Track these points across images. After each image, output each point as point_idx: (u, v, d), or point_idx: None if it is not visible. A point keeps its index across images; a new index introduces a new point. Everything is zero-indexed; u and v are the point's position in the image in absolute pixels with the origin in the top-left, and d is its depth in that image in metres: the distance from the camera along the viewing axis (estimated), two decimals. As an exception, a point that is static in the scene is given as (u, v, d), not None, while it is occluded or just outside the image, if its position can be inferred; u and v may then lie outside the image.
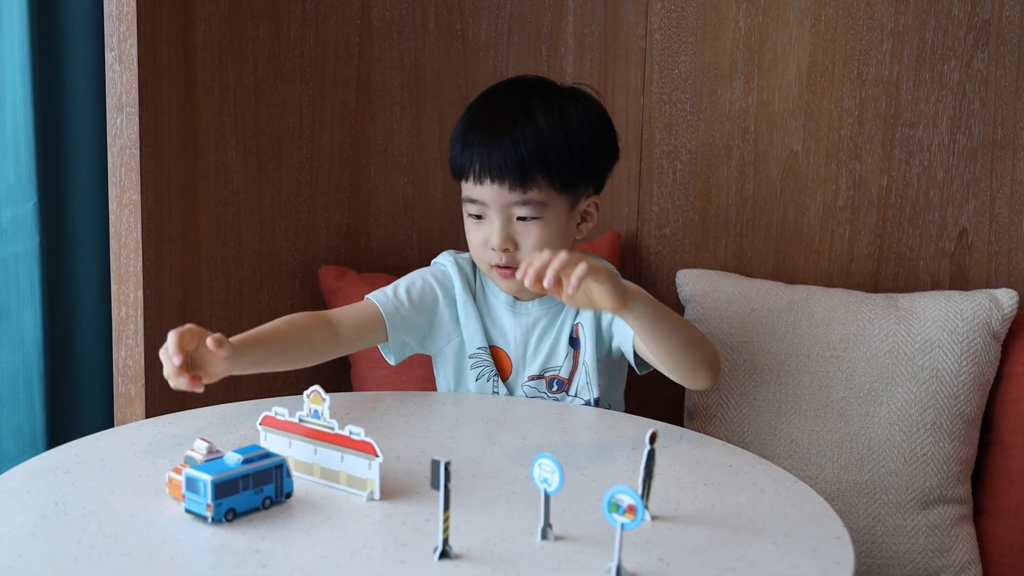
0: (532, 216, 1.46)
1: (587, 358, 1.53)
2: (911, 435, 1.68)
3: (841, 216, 1.90)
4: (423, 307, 1.53)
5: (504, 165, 1.43)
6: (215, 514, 1.05)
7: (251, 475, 1.08)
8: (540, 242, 1.46)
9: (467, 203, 1.49)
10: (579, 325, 1.54)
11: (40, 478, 1.17)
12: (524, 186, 1.44)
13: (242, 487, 1.07)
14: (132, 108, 1.62)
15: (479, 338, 1.54)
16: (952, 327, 1.70)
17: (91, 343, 1.83)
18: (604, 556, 1.01)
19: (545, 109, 1.47)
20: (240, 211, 1.86)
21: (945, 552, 1.68)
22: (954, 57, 1.84)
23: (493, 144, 1.44)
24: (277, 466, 1.11)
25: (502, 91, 1.53)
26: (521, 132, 1.45)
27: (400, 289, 1.53)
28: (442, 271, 1.57)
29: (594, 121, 1.51)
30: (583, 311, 1.53)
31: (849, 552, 1.05)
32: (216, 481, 1.05)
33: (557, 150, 1.45)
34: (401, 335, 1.52)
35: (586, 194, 1.52)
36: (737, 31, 1.88)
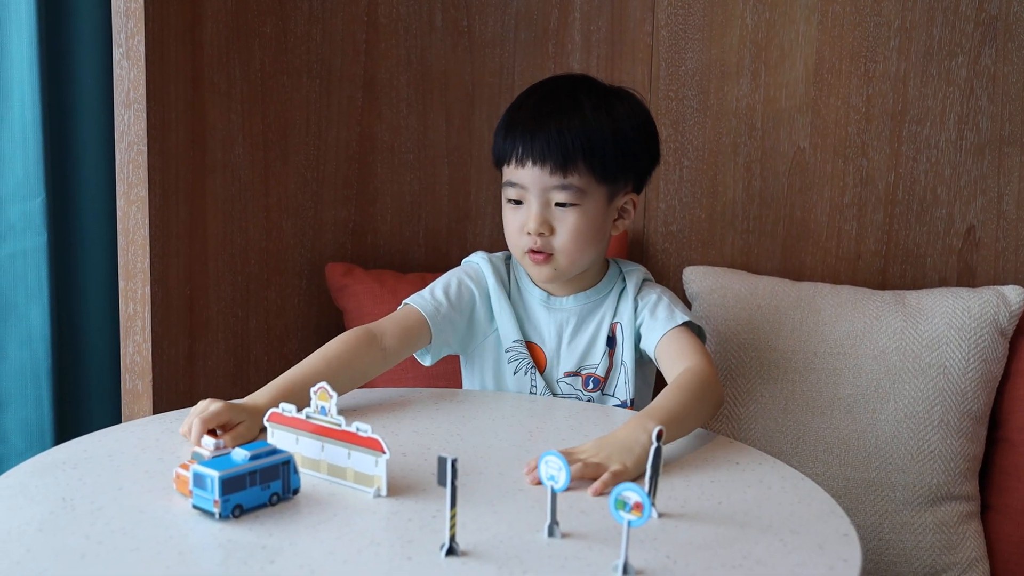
0: (570, 203, 1.47)
1: (625, 358, 1.54)
2: (918, 432, 1.67)
3: (848, 213, 1.90)
4: (461, 306, 1.54)
5: (547, 148, 1.45)
6: (222, 510, 1.06)
7: (258, 471, 1.08)
8: (576, 230, 1.47)
9: (507, 187, 1.50)
10: (617, 324, 1.54)
11: (48, 473, 1.17)
12: (565, 171, 1.45)
13: (249, 483, 1.07)
14: (140, 104, 1.62)
15: (514, 331, 1.54)
16: (960, 324, 1.69)
17: (99, 339, 1.84)
18: (611, 553, 1.01)
19: (592, 101, 1.49)
20: (247, 207, 1.86)
21: (952, 549, 1.67)
22: (961, 53, 1.83)
23: (538, 129, 1.46)
24: (284, 463, 1.10)
25: (548, 84, 1.56)
26: (567, 118, 1.47)
27: (438, 290, 1.53)
28: (474, 269, 1.58)
29: (640, 119, 1.53)
30: (621, 311, 1.54)
31: (856, 549, 1.05)
32: (223, 477, 1.05)
33: (601, 139, 1.47)
34: (443, 336, 1.52)
35: (625, 190, 1.53)
36: (744, 28, 1.88)
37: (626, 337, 1.54)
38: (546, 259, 1.49)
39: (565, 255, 1.49)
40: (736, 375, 1.74)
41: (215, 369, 1.83)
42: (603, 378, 1.55)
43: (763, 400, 1.73)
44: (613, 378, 1.55)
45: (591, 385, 1.55)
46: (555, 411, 1.47)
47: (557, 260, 1.49)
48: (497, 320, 1.55)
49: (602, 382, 1.55)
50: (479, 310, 1.55)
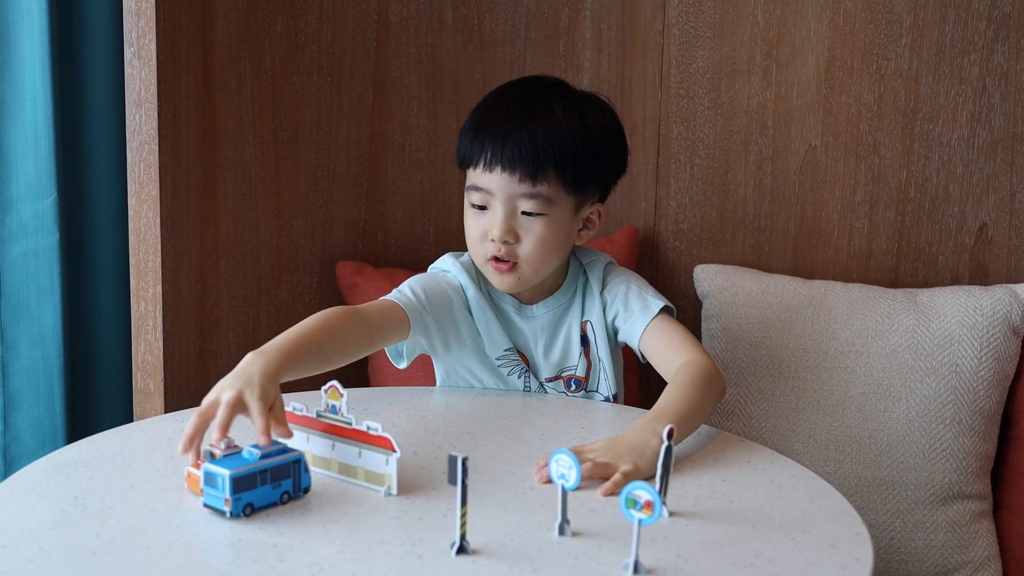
0: (537, 212, 1.42)
1: (601, 354, 1.53)
2: (930, 431, 1.67)
3: (860, 211, 1.89)
4: (434, 308, 1.47)
5: (517, 155, 1.40)
6: (233, 509, 1.06)
7: (269, 470, 1.08)
8: (542, 240, 1.43)
9: (471, 191, 1.45)
10: (587, 323, 1.52)
11: (60, 472, 1.17)
12: (535, 179, 1.41)
13: (260, 482, 1.07)
14: (151, 104, 1.62)
15: (504, 340, 1.51)
16: (972, 322, 1.69)
17: (110, 338, 1.84)
18: (621, 552, 1.01)
19: (565, 107, 1.45)
20: (258, 206, 1.87)
21: (964, 548, 1.67)
22: (974, 51, 1.82)
23: (509, 134, 1.41)
24: (295, 461, 1.10)
25: (519, 86, 1.51)
26: (539, 124, 1.42)
27: (417, 288, 1.47)
28: (452, 280, 1.51)
29: (610, 127, 1.49)
30: (588, 309, 1.52)
31: (868, 548, 1.05)
32: (234, 476, 1.05)
33: (572, 148, 1.43)
34: (418, 332, 1.46)
35: (592, 200, 1.49)
36: (755, 25, 1.88)
37: (597, 334, 1.51)
38: (510, 268, 1.45)
39: (529, 264, 1.45)
40: (747, 373, 1.73)
41: (226, 367, 1.82)
42: (584, 378, 1.54)
43: (774, 399, 1.72)
44: (594, 376, 1.54)
45: (573, 386, 1.54)
46: (566, 410, 1.46)
47: (521, 269, 1.45)
48: (484, 333, 1.50)
49: (583, 382, 1.54)
50: (458, 319, 1.49)
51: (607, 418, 1.43)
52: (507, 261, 1.44)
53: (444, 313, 1.48)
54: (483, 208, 1.45)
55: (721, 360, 1.75)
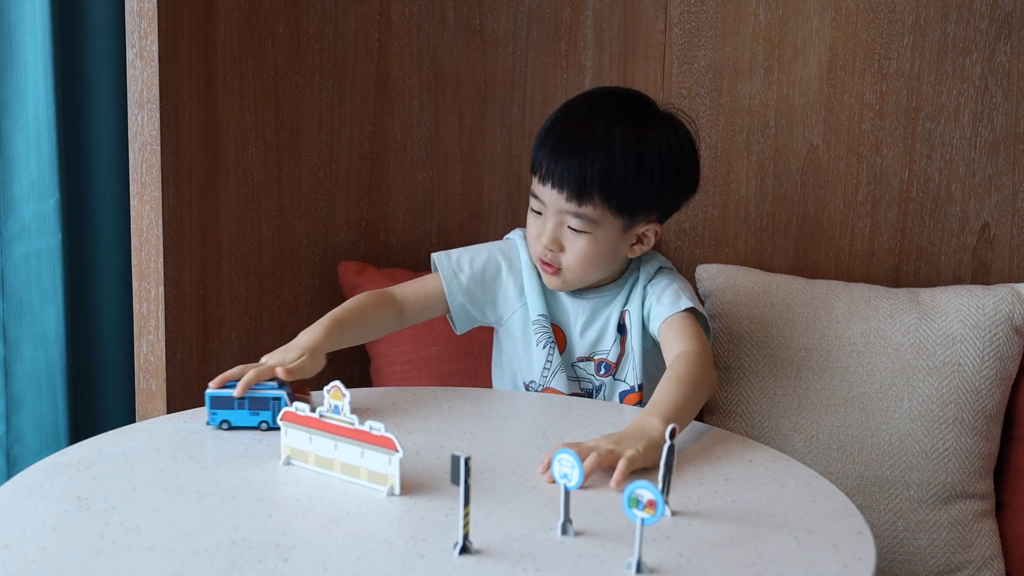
0: (581, 229, 1.50)
1: (634, 344, 1.57)
2: (933, 430, 1.67)
3: (862, 210, 1.89)
4: (484, 278, 1.59)
5: (566, 176, 1.47)
6: (210, 419, 1.31)
7: (246, 399, 1.31)
8: (584, 255, 1.51)
9: (532, 196, 1.54)
10: (627, 312, 1.58)
11: (63, 473, 1.17)
12: (580, 200, 1.48)
13: (236, 406, 1.31)
14: (153, 104, 1.63)
15: (540, 306, 1.58)
16: (974, 321, 1.69)
17: (113, 339, 1.84)
18: (624, 551, 1.01)
19: (626, 132, 1.48)
20: (260, 207, 1.87)
21: (967, 548, 1.67)
22: (976, 50, 1.82)
23: (563, 153, 1.48)
24: (275, 398, 1.31)
25: (595, 100, 1.55)
26: (592, 150, 1.47)
27: (464, 258, 1.60)
28: (510, 244, 1.63)
29: (674, 153, 1.51)
30: (631, 300, 1.57)
31: (870, 548, 1.05)
32: (212, 395, 1.31)
33: (622, 177, 1.47)
34: (461, 301, 1.58)
35: (646, 219, 1.53)
36: (757, 25, 1.88)
37: (634, 324, 1.57)
38: (555, 271, 1.53)
39: (572, 273, 1.53)
40: (749, 373, 1.73)
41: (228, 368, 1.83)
42: (614, 364, 1.58)
43: (776, 398, 1.72)
44: (624, 364, 1.58)
45: (603, 370, 1.58)
46: (569, 409, 1.47)
47: (565, 276, 1.54)
48: (527, 293, 1.59)
49: (613, 367, 1.58)
50: (506, 284, 1.60)
51: (610, 417, 1.43)
52: (552, 268, 1.53)
53: (491, 279, 1.60)
54: (539, 213, 1.53)
55: (723, 360, 1.75)
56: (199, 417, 1.37)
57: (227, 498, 1.12)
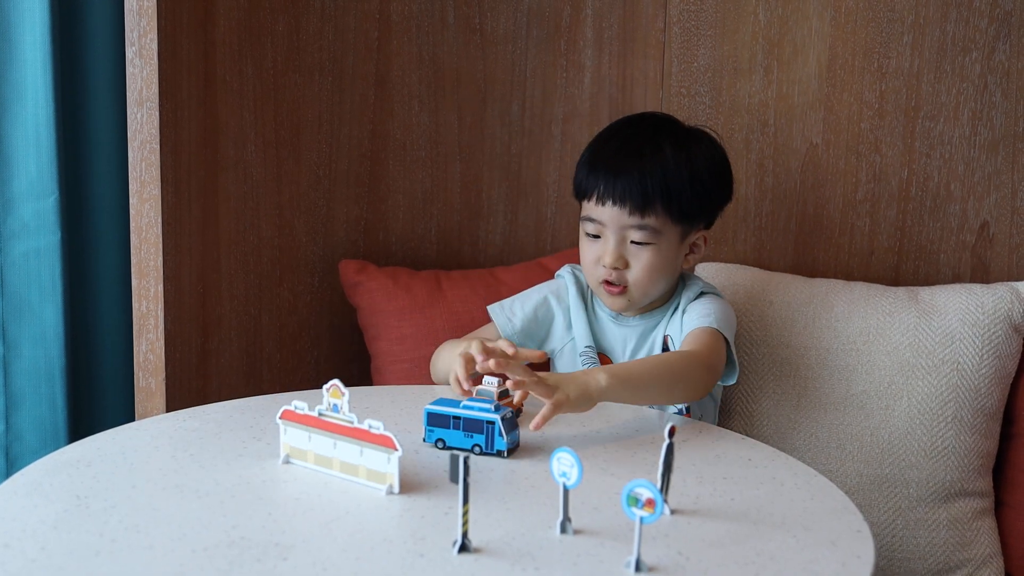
0: (646, 241, 1.54)
1: None
2: (932, 428, 1.67)
3: (861, 209, 1.89)
4: (536, 317, 1.64)
5: (628, 190, 1.52)
6: (426, 437, 1.27)
7: (461, 419, 1.25)
8: (650, 267, 1.55)
9: (585, 222, 1.58)
10: (668, 337, 1.60)
11: (62, 471, 1.18)
12: (643, 212, 1.53)
13: (452, 426, 1.26)
14: (152, 103, 1.63)
15: (587, 337, 1.62)
16: (973, 320, 1.69)
17: (112, 337, 1.84)
18: (623, 550, 1.02)
19: (672, 144, 1.57)
20: (259, 205, 1.87)
21: (966, 546, 1.67)
22: (975, 49, 1.82)
23: (620, 172, 1.54)
24: (488, 422, 1.24)
25: (631, 125, 1.64)
26: (648, 163, 1.54)
27: (516, 304, 1.65)
28: (560, 283, 1.68)
29: (716, 161, 1.61)
30: (672, 323, 1.60)
31: (869, 546, 1.05)
32: (429, 411, 1.27)
33: (679, 184, 1.54)
34: (520, 343, 1.61)
35: (698, 228, 1.60)
36: (756, 24, 1.88)
37: (676, 347, 1.58)
38: (621, 291, 1.57)
39: (639, 288, 1.56)
40: (748, 371, 1.74)
41: (228, 366, 1.84)
42: None
43: (776, 396, 1.72)
44: None
45: None
46: (567, 408, 1.46)
47: (631, 293, 1.57)
48: (574, 326, 1.63)
49: None
50: (558, 323, 1.64)
51: (608, 416, 1.43)
52: (618, 285, 1.56)
53: (544, 322, 1.65)
54: (596, 237, 1.57)
55: (723, 358, 1.75)
56: (199, 416, 1.37)
57: (226, 497, 1.12)
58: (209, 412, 1.39)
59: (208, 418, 1.36)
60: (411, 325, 1.80)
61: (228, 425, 1.33)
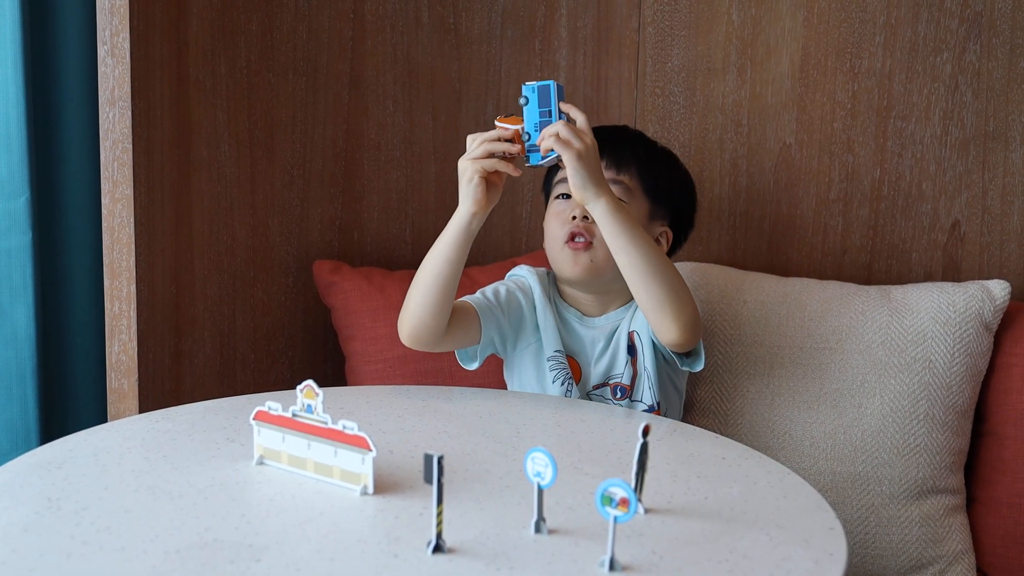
0: (618, 196, 1.50)
1: (647, 364, 1.58)
2: (904, 426, 1.68)
3: (834, 208, 1.90)
4: (509, 309, 1.59)
5: (607, 149, 1.53)
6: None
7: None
8: None
9: (557, 186, 1.59)
10: (634, 333, 1.59)
11: (33, 473, 1.17)
12: (619, 168, 1.56)
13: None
14: (124, 102, 1.62)
15: (556, 341, 1.59)
16: (945, 318, 1.70)
17: (84, 338, 1.83)
18: (597, 549, 1.02)
19: (650, 139, 1.67)
20: (233, 205, 1.86)
21: (938, 542, 1.68)
22: (946, 49, 1.84)
23: (602, 138, 1.50)
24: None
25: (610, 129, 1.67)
26: (630, 134, 1.65)
27: (488, 291, 1.60)
28: (522, 281, 1.64)
29: (685, 172, 1.69)
30: (636, 319, 1.58)
31: (842, 543, 1.06)
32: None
33: (655, 159, 1.62)
34: (491, 333, 1.57)
35: (663, 218, 1.62)
36: (730, 24, 1.88)
37: (644, 344, 1.58)
38: (586, 246, 1.53)
39: (603, 245, 1.50)
40: (722, 370, 1.74)
41: (201, 367, 1.83)
42: (629, 386, 1.59)
43: (749, 395, 1.73)
44: (639, 385, 1.59)
45: (619, 394, 1.59)
46: (541, 408, 1.47)
47: (595, 251, 1.53)
48: (542, 330, 1.59)
49: (628, 390, 1.59)
50: (526, 318, 1.61)
51: (584, 416, 1.43)
52: (584, 241, 1.53)
53: (515, 310, 1.60)
54: (567, 197, 1.57)
55: (697, 357, 1.76)
56: (172, 417, 1.36)
57: (199, 498, 1.12)
58: (182, 413, 1.38)
59: (181, 419, 1.35)
60: (385, 325, 1.80)
61: (201, 426, 1.32)
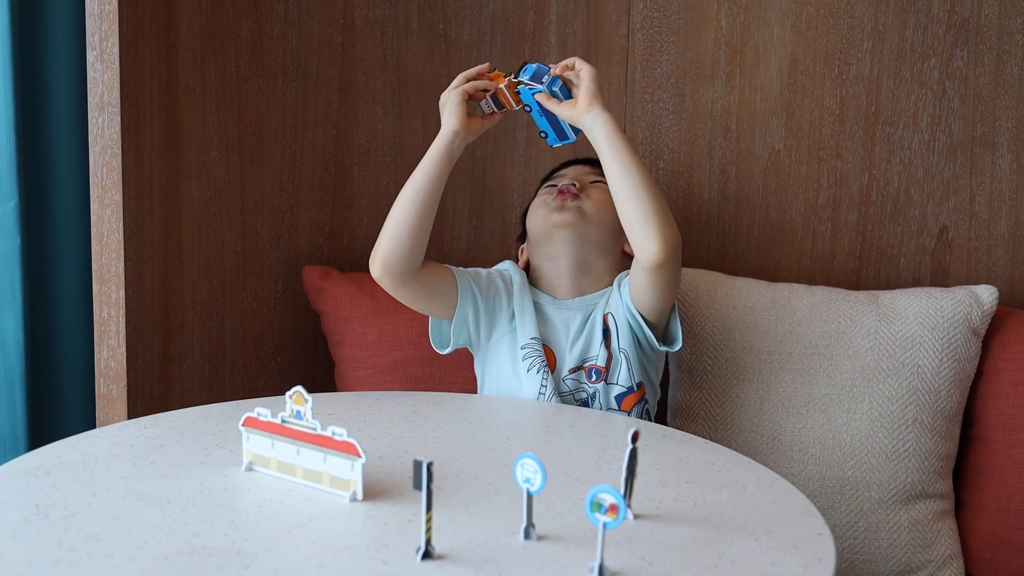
0: (601, 179, 1.62)
1: (623, 345, 1.59)
2: (893, 431, 1.69)
3: (823, 214, 1.91)
4: (488, 291, 1.62)
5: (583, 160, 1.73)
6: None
7: None
8: (602, 199, 1.62)
9: (546, 182, 1.72)
10: (609, 315, 1.60)
11: (21, 480, 1.16)
12: (596, 169, 1.64)
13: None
14: (114, 107, 1.61)
15: (532, 329, 1.60)
16: (933, 323, 1.70)
17: (73, 344, 1.82)
18: (587, 555, 1.02)
19: None
20: (223, 211, 1.86)
21: (927, 547, 1.69)
22: (934, 55, 1.84)
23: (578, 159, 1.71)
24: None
25: None
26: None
27: (468, 269, 1.64)
28: (503, 272, 1.68)
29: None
30: (611, 302, 1.61)
31: (831, 549, 1.06)
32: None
33: None
34: (466, 307, 1.60)
35: None
36: (719, 30, 1.89)
37: (620, 325, 1.58)
38: (574, 196, 1.62)
39: (592, 204, 1.62)
40: (711, 376, 1.74)
41: (190, 373, 1.83)
42: (604, 368, 1.59)
43: (738, 401, 1.74)
44: (614, 368, 1.59)
45: (594, 377, 1.59)
46: (530, 414, 1.47)
47: (584, 202, 1.62)
48: (518, 316, 1.61)
49: (603, 372, 1.59)
50: (503, 304, 1.63)
51: (572, 421, 1.43)
52: (574, 190, 1.63)
53: (492, 293, 1.63)
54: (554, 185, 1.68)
55: (686, 362, 1.76)
56: (160, 423, 1.36)
57: (188, 505, 1.11)
58: (171, 419, 1.38)
59: (170, 425, 1.35)
60: (375, 331, 1.80)
61: (190, 432, 1.32)
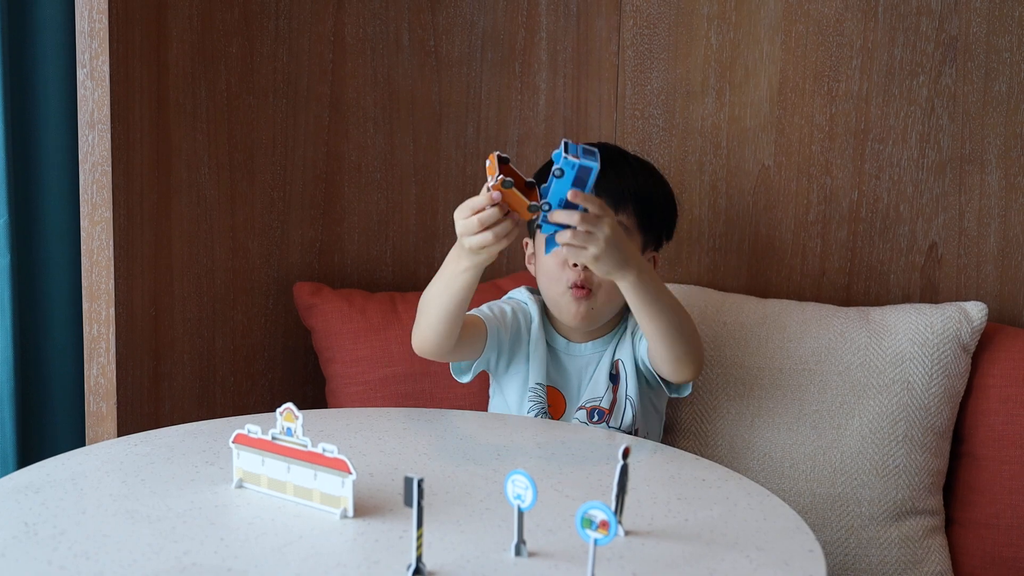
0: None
1: (630, 392, 1.59)
2: (883, 447, 1.69)
3: (813, 231, 1.91)
4: (512, 331, 1.60)
5: (605, 188, 1.49)
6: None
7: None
8: (611, 289, 1.51)
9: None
10: (619, 361, 1.60)
11: (10, 498, 1.16)
12: (617, 209, 1.53)
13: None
14: (104, 125, 1.61)
15: (540, 374, 1.59)
16: (923, 340, 1.71)
17: (62, 361, 1.82)
18: (578, 572, 1.02)
19: (637, 160, 1.66)
20: (213, 228, 1.86)
21: (917, 564, 1.69)
22: (922, 73, 1.85)
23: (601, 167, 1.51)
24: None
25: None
26: (619, 167, 1.59)
27: (495, 309, 1.61)
28: (523, 307, 1.63)
29: (666, 183, 1.69)
30: (621, 348, 1.60)
31: (821, 565, 1.06)
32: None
33: (647, 188, 1.62)
34: (492, 350, 1.58)
35: (650, 246, 1.64)
36: (709, 48, 1.90)
37: (628, 372, 1.59)
38: (586, 294, 1.54)
39: (604, 292, 1.54)
40: (702, 392, 1.75)
41: (181, 390, 1.82)
42: (607, 410, 1.60)
43: (729, 417, 1.74)
44: (618, 412, 1.60)
45: (596, 417, 1.60)
46: (523, 430, 1.47)
47: (596, 297, 1.55)
48: (531, 360, 1.60)
49: (607, 414, 1.60)
50: (523, 342, 1.61)
51: (564, 437, 1.43)
52: (585, 289, 1.54)
53: (514, 333, 1.60)
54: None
55: (677, 379, 1.76)
56: (150, 440, 1.36)
57: (178, 522, 1.11)
58: (161, 436, 1.37)
59: (160, 442, 1.35)
60: (366, 347, 1.80)
61: (180, 449, 1.32)
